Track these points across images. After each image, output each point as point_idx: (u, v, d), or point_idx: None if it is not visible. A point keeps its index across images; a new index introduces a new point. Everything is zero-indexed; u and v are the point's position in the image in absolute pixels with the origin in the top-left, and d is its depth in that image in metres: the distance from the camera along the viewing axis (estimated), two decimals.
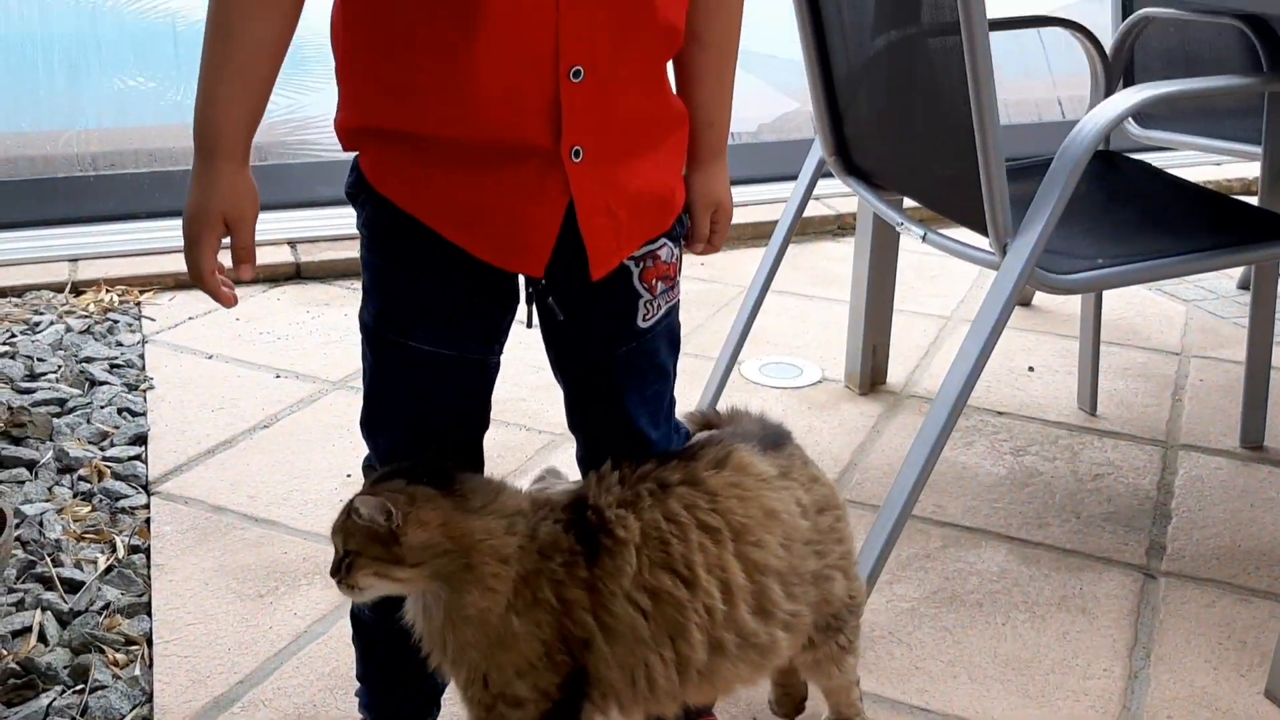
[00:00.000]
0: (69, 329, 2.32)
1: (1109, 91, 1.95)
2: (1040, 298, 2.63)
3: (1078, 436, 2.04)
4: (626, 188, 1.02)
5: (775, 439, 1.15)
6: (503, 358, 1.11)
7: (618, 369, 1.10)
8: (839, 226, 3.13)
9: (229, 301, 1.05)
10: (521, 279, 1.06)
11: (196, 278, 1.03)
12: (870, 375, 2.20)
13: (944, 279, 2.77)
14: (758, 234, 2.90)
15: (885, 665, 1.44)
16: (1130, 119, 2.19)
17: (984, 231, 1.43)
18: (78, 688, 1.37)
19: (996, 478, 1.90)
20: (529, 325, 1.08)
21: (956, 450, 1.98)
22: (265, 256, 2.71)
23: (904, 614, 1.54)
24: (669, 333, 1.13)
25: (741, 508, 1.07)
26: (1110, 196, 1.71)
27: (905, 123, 1.63)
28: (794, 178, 1.92)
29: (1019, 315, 2.59)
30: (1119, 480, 1.89)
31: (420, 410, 1.09)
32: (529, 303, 1.06)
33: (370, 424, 1.13)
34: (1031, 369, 2.30)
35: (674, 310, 1.13)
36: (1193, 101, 2.14)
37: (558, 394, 1.16)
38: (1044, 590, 1.60)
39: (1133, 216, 1.63)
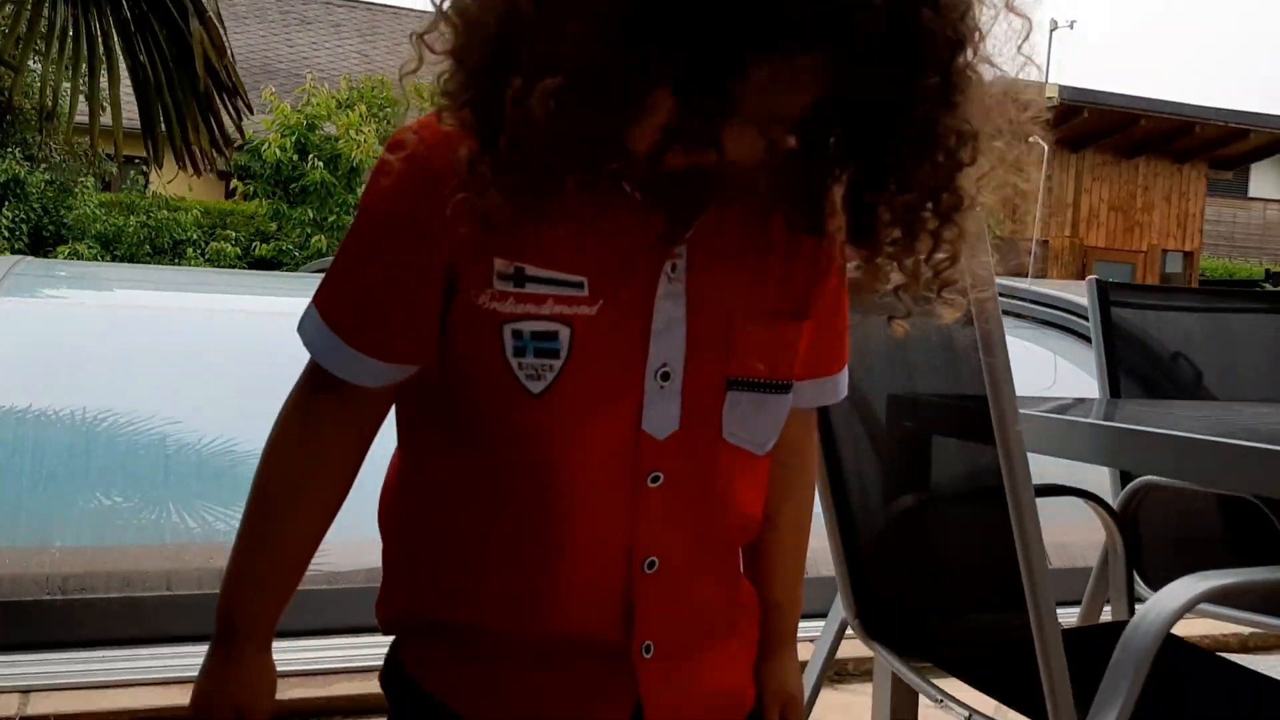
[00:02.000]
0: None
1: (1129, 557, 1.92)
2: None
3: None
4: (697, 687, 0.93)
5: None
6: None
7: None
8: (836, 672, 2.99)
9: None
10: None
11: None
12: None
13: None
14: None
15: None
16: (1140, 581, 2.15)
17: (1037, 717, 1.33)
18: None
19: None
20: None
21: None
22: None
23: None
24: None
25: None
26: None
27: (942, 591, 1.58)
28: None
29: None
30: None
31: None
32: None
33: None
34: None
35: None
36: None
37: None
38: None
39: (1185, 700, 1.54)
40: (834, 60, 0.72)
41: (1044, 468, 2.15)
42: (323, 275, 0.89)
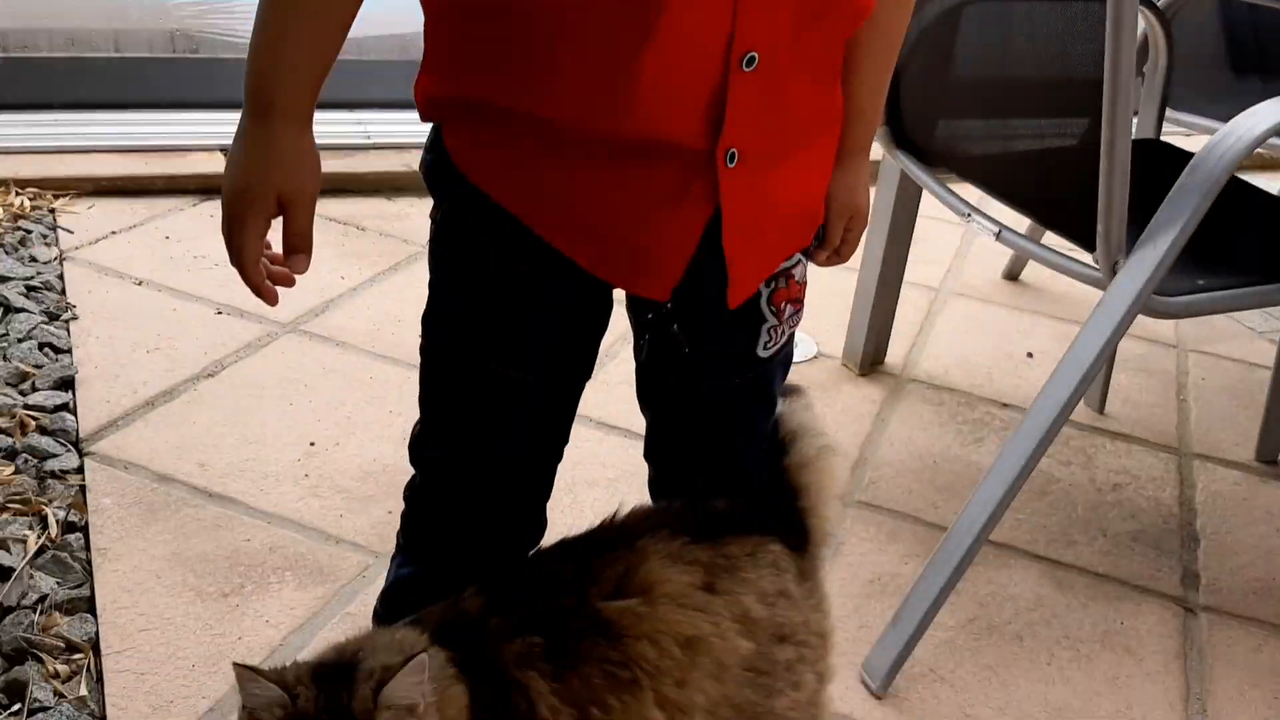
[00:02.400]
0: None
1: (1168, 74, 1.81)
2: (1030, 272, 2.52)
3: (1089, 438, 1.93)
4: (776, 198, 0.84)
5: (711, 520, 0.91)
6: None
7: (726, 405, 0.92)
8: None
9: (272, 300, 0.84)
10: (623, 298, 0.87)
11: (237, 264, 0.82)
12: (871, 355, 2.06)
13: (928, 244, 2.62)
14: None
15: (932, 710, 1.32)
16: None
17: (1082, 242, 1.28)
18: (14, 708, 1.16)
19: None
20: (639, 358, 0.89)
21: (967, 447, 1.86)
22: (198, 164, 2.43)
23: (942, 646, 1.41)
24: (785, 361, 0.96)
25: (653, 650, 0.84)
26: None
27: (989, 101, 1.47)
28: None
29: (1010, 293, 2.48)
30: (1139, 493, 1.79)
31: (493, 439, 0.90)
32: (643, 331, 0.87)
33: (427, 447, 0.93)
34: (1030, 355, 2.19)
35: (793, 337, 0.95)
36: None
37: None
38: (1084, 624, 1.49)
39: (1217, 228, 1.50)
40: None
41: None
42: None
